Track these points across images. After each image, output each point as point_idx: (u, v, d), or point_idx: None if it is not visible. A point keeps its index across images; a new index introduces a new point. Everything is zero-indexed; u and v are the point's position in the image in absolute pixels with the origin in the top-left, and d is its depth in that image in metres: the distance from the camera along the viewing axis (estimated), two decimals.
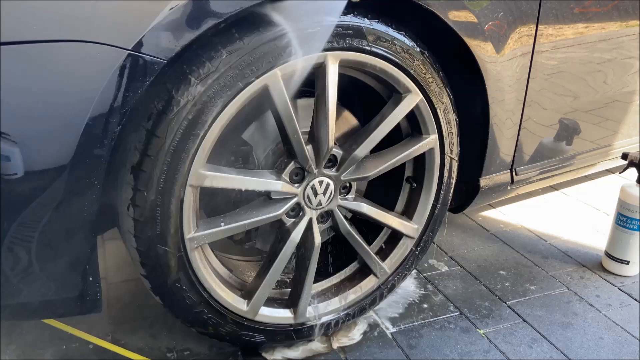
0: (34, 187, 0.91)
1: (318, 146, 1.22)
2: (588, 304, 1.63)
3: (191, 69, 1.02)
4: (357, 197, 1.38)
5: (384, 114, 1.29)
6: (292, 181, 1.24)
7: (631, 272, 1.76)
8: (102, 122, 0.92)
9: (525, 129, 1.53)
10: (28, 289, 1.00)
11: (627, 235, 1.73)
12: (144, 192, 1.06)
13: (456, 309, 1.59)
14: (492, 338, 1.48)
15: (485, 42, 1.29)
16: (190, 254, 1.16)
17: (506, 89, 1.40)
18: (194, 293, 1.21)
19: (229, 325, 1.29)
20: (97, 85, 0.89)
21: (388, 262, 1.46)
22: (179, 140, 1.04)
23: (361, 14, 1.15)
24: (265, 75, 1.07)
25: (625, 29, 1.61)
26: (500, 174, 1.57)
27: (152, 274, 1.16)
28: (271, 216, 1.23)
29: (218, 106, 1.05)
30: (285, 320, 1.37)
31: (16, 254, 0.95)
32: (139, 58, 0.91)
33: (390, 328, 1.51)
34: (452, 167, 1.43)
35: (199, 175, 1.09)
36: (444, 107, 1.33)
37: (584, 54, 1.56)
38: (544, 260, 1.85)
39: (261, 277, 1.30)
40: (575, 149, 1.75)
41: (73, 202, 0.95)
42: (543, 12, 1.36)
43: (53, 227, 0.96)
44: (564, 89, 1.58)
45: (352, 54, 1.16)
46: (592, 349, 1.45)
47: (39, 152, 0.90)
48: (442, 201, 1.46)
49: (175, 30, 0.93)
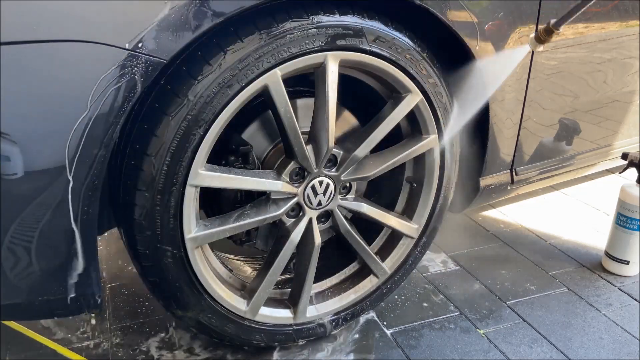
0: (34, 187, 0.91)
1: (318, 146, 1.22)
2: (588, 304, 1.63)
3: (191, 68, 1.02)
4: (357, 197, 1.38)
5: (384, 114, 1.29)
6: (292, 181, 1.24)
7: (631, 272, 1.76)
8: (102, 122, 0.92)
9: (525, 129, 1.53)
10: (28, 288, 1.00)
11: (627, 235, 1.73)
12: (144, 192, 1.06)
13: (456, 309, 1.59)
14: (492, 338, 1.48)
15: (485, 42, 1.29)
16: (190, 254, 1.16)
17: (506, 89, 1.40)
18: (193, 293, 1.21)
19: (228, 326, 1.29)
20: (97, 85, 0.89)
21: (388, 262, 1.46)
22: (178, 140, 1.04)
23: (360, 14, 1.15)
24: (265, 75, 1.07)
25: (625, 29, 1.61)
26: (500, 174, 1.57)
27: (151, 274, 1.16)
28: (271, 216, 1.22)
29: (218, 106, 1.05)
30: (286, 320, 1.37)
31: (15, 253, 0.95)
32: (138, 58, 0.91)
33: (390, 328, 1.50)
34: (452, 167, 1.43)
35: (198, 175, 1.09)
36: (444, 107, 1.33)
37: (584, 54, 1.56)
38: (544, 260, 1.85)
39: (261, 277, 1.30)
40: (575, 149, 1.74)
41: (73, 202, 0.95)
42: (543, 12, 1.36)
43: (53, 227, 0.96)
44: (564, 89, 1.58)
45: (352, 54, 1.16)
46: (592, 349, 1.45)
47: (38, 152, 0.90)
48: (442, 201, 1.46)
49: (175, 30, 0.93)
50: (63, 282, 1.02)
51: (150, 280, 1.18)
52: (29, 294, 1.00)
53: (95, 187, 0.96)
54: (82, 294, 1.04)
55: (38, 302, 1.01)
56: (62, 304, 1.04)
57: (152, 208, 1.07)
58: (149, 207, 1.07)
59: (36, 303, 1.01)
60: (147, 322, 1.49)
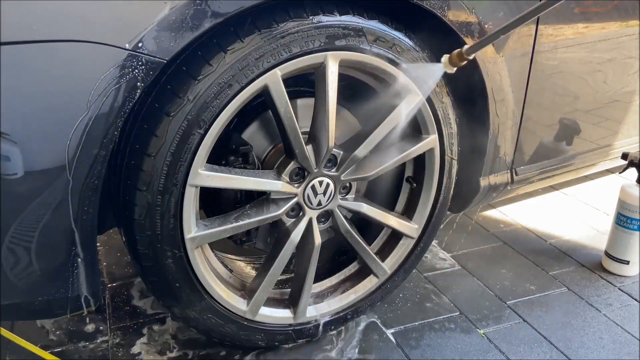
0: (34, 187, 0.91)
1: (318, 146, 1.22)
2: (588, 304, 1.63)
3: (191, 68, 1.02)
4: (357, 197, 1.38)
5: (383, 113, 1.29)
6: (292, 181, 1.24)
7: (631, 272, 1.76)
8: (102, 122, 0.92)
9: (525, 129, 1.53)
10: (28, 288, 1.00)
11: (627, 235, 1.73)
12: (144, 192, 1.06)
13: (456, 309, 1.59)
14: (492, 338, 1.48)
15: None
16: (190, 254, 1.16)
17: (506, 89, 1.40)
18: (193, 293, 1.21)
19: (228, 326, 1.29)
20: (97, 85, 0.89)
21: (388, 262, 1.46)
22: (179, 140, 1.04)
23: (360, 14, 1.15)
24: (265, 75, 1.07)
25: (625, 29, 1.61)
26: (500, 174, 1.57)
27: (151, 274, 1.16)
28: (271, 216, 1.22)
29: (218, 106, 1.05)
30: (286, 320, 1.37)
31: (15, 253, 0.95)
32: (138, 58, 0.91)
33: (390, 328, 1.50)
34: (452, 167, 1.43)
35: (199, 175, 1.09)
36: (443, 107, 1.33)
37: (584, 54, 1.56)
38: (544, 260, 1.85)
39: (261, 277, 1.30)
40: (575, 149, 1.74)
41: (73, 202, 0.95)
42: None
43: (53, 227, 0.96)
44: (564, 89, 1.58)
45: (352, 54, 1.16)
46: (592, 349, 1.45)
47: (38, 152, 0.90)
48: (442, 201, 1.46)
49: (175, 30, 0.93)
50: (63, 282, 1.02)
51: (150, 280, 1.18)
52: (29, 294, 1.00)
53: (95, 187, 0.96)
54: (82, 294, 1.04)
55: (38, 302, 1.01)
56: (62, 303, 1.04)
57: (152, 208, 1.07)
58: (149, 207, 1.07)
59: (36, 303, 1.01)
60: (147, 322, 1.49)
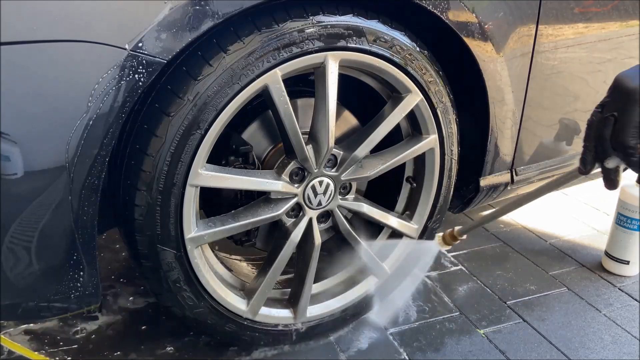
0: (34, 187, 0.91)
1: (318, 146, 1.22)
2: (588, 304, 1.63)
3: (191, 68, 1.02)
4: (357, 197, 1.38)
5: (383, 114, 1.29)
6: (292, 181, 1.24)
7: (631, 272, 1.76)
8: (102, 122, 0.92)
9: (525, 129, 1.53)
10: (28, 288, 1.00)
11: (627, 235, 1.73)
12: (144, 192, 1.06)
13: (456, 309, 1.59)
14: (492, 338, 1.48)
15: (485, 42, 1.29)
16: (190, 254, 1.16)
17: (506, 89, 1.40)
18: (193, 293, 1.21)
19: (228, 326, 1.29)
20: (97, 85, 0.89)
21: (388, 262, 1.46)
22: (178, 140, 1.04)
23: (360, 14, 1.15)
24: (265, 75, 1.07)
25: (625, 29, 1.60)
26: (501, 174, 1.56)
27: (151, 274, 1.16)
28: (271, 216, 1.22)
29: (218, 106, 1.05)
30: (286, 320, 1.37)
31: (15, 253, 0.95)
32: (138, 58, 0.91)
33: (390, 328, 1.50)
34: (452, 167, 1.43)
35: (199, 175, 1.09)
36: (443, 107, 1.33)
37: (584, 54, 1.56)
38: (544, 260, 1.85)
39: (261, 277, 1.30)
40: (575, 149, 1.74)
41: (73, 202, 0.95)
42: (543, 12, 1.35)
43: (53, 227, 0.96)
44: (564, 89, 1.58)
45: (352, 54, 1.16)
46: (592, 349, 1.45)
47: (38, 152, 0.90)
48: (442, 201, 1.46)
49: (175, 30, 0.93)
50: (63, 282, 1.02)
51: (150, 280, 1.18)
52: (29, 294, 1.00)
53: (95, 187, 0.96)
54: (82, 294, 1.04)
55: (38, 302, 1.01)
56: (62, 304, 1.04)
57: (152, 208, 1.07)
58: (149, 207, 1.07)
59: (36, 303, 1.01)
60: (147, 322, 1.49)
